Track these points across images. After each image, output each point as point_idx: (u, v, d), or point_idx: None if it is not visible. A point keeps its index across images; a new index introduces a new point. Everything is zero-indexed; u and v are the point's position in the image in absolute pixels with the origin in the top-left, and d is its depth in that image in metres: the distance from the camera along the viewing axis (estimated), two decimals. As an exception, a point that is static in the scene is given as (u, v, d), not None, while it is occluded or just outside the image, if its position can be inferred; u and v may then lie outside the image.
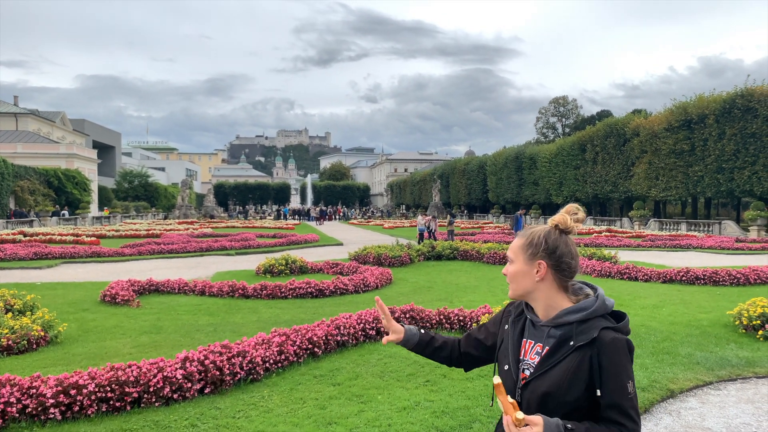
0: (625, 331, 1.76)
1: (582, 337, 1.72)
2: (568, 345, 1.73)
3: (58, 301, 10.67)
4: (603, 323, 1.74)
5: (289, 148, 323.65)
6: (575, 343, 1.72)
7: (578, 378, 1.70)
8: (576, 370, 1.70)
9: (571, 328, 1.75)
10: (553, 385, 1.72)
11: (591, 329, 1.72)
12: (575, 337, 1.73)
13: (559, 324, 1.78)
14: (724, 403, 5.31)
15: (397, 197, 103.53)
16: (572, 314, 1.77)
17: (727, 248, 22.85)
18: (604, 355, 1.69)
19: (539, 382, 1.75)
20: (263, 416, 4.83)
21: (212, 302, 10.49)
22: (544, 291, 1.82)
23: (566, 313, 1.78)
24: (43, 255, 19.22)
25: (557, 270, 1.81)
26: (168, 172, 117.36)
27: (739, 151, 33.33)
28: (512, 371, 1.84)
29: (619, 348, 1.70)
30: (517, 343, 1.88)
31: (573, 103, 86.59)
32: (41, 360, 6.63)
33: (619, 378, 1.68)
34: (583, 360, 1.70)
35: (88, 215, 50.12)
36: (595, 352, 1.70)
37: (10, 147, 57.51)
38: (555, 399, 1.71)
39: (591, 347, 1.70)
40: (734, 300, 10.03)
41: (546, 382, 1.73)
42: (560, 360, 1.73)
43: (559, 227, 1.84)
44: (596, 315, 1.76)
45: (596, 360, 1.69)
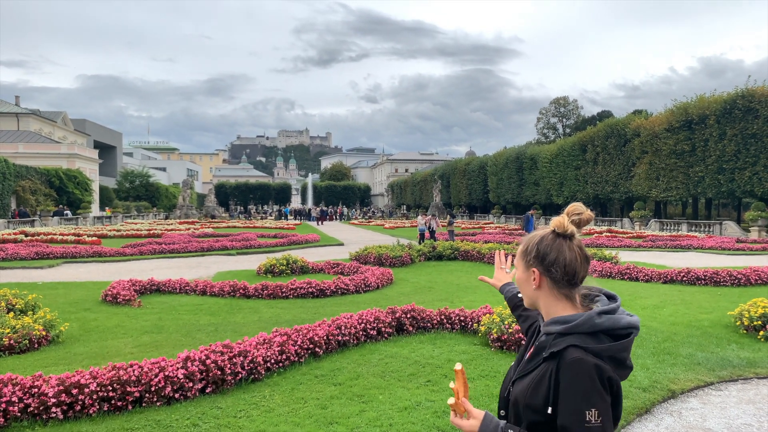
0: (606, 355, 1.59)
1: (547, 350, 1.64)
2: (540, 355, 1.68)
3: (60, 300, 10.69)
4: (576, 340, 1.60)
5: (290, 149, 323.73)
6: (544, 355, 1.65)
7: (538, 391, 1.62)
8: (538, 383, 1.63)
9: (550, 338, 1.67)
10: (520, 392, 1.69)
11: (560, 344, 1.62)
12: (547, 348, 1.66)
13: (546, 332, 1.71)
14: (725, 403, 5.31)
15: (397, 197, 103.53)
16: (556, 325, 1.67)
17: (727, 249, 22.84)
18: (562, 374, 1.57)
19: (516, 385, 1.74)
20: (264, 416, 4.84)
21: (213, 302, 10.50)
22: (543, 299, 1.75)
23: (553, 323, 1.69)
24: (45, 255, 19.24)
25: (550, 278, 1.71)
26: (169, 172, 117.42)
27: (740, 152, 33.31)
28: (513, 367, 1.84)
29: (582, 371, 1.54)
30: (527, 345, 1.88)
31: (574, 103, 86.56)
32: (43, 359, 6.64)
33: (574, 402, 1.53)
34: (545, 374, 1.62)
35: (89, 215, 50.17)
36: (554, 369, 1.60)
37: (12, 147, 57.57)
38: (520, 407, 1.68)
39: (553, 362, 1.62)
40: (735, 300, 10.03)
41: (518, 388, 1.71)
42: (532, 369, 1.69)
43: (556, 231, 1.74)
44: (577, 331, 1.61)
45: (554, 377, 1.59)
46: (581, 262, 1.72)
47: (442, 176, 78.98)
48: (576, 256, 1.71)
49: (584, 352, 1.57)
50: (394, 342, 7.24)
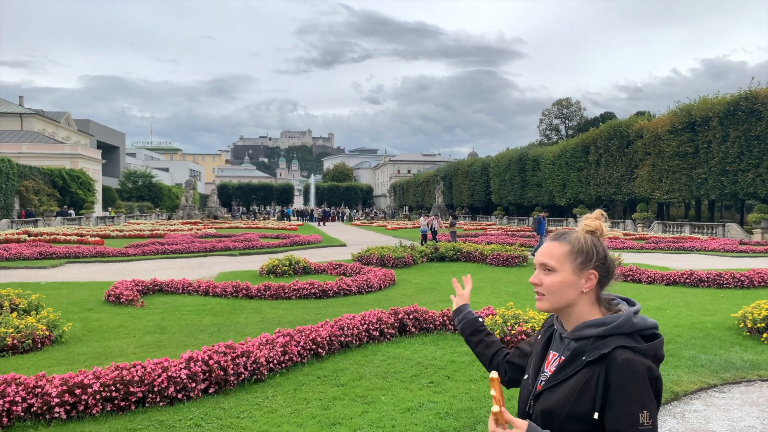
0: (650, 354, 1.59)
1: (593, 353, 1.60)
2: (580, 360, 1.62)
3: (63, 300, 10.71)
4: (622, 341, 1.59)
5: (293, 149, 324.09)
6: (586, 359, 1.60)
7: (584, 396, 1.57)
8: (583, 388, 1.58)
9: (588, 342, 1.63)
10: (558, 401, 1.61)
11: (606, 345, 1.59)
12: (588, 352, 1.61)
13: (578, 337, 1.67)
14: (729, 406, 5.30)
15: (400, 198, 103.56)
16: (592, 328, 1.65)
17: (730, 251, 22.80)
18: (613, 376, 1.54)
19: (548, 396, 1.66)
20: (267, 416, 4.85)
21: (216, 302, 10.51)
22: (583, 304, 1.71)
23: (587, 326, 1.66)
24: (48, 255, 19.29)
25: (604, 280, 1.72)
26: (172, 173, 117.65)
27: (743, 154, 33.25)
28: (530, 381, 1.77)
29: (635, 371, 1.53)
30: (541, 353, 1.80)
31: (576, 105, 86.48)
32: (46, 359, 6.66)
33: (627, 404, 1.51)
34: (592, 378, 1.57)
35: (92, 215, 50.27)
36: (604, 371, 1.56)
37: (15, 147, 57.72)
38: (558, 416, 1.60)
39: (601, 364, 1.57)
40: (738, 303, 10.01)
41: (552, 398, 1.64)
42: (570, 375, 1.62)
43: (597, 234, 1.74)
44: (618, 332, 1.61)
45: (603, 380, 1.55)
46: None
47: (445, 177, 79.00)
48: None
49: (633, 352, 1.57)
50: (397, 343, 7.24)
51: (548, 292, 1.72)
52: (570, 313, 1.73)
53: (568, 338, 1.71)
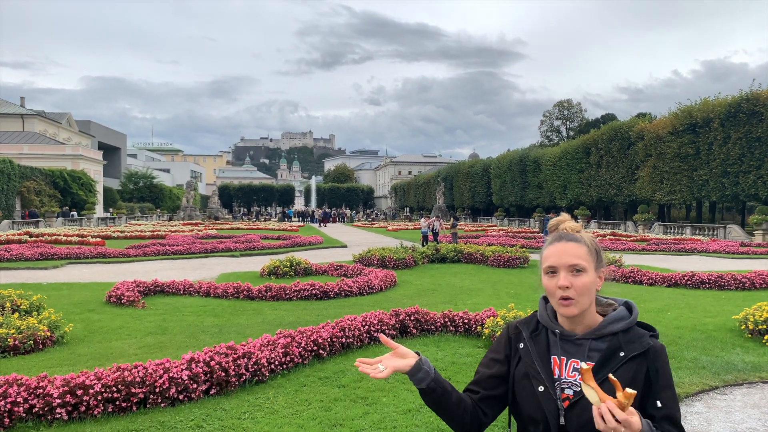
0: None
1: (634, 347, 1.63)
2: (617, 356, 1.62)
3: (64, 301, 10.72)
4: (645, 332, 1.68)
5: (294, 150, 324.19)
6: (627, 354, 1.62)
7: (635, 389, 1.55)
8: (631, 381, 1.59)
9: (617, 338, 1.65)
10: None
11: (639, 338, 1.65)
12: (624, 346, 1.63)
13: (602, 335, 1.66)
14: (731, 407, 5.29)
15: (401, 200, 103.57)
16: (616, 323, 1.67)
17: (732, 252, 22.78)
18: (659, 364, 1.62)
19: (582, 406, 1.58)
20: (268, 418, 4.85)
21: (217, 303, 10.52)
22: (593, 302, 1.71)
23: (609, 323, 1.67)
24: (49, 255, 19.30)
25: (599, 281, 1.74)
26: (173, 174, 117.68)
27: (744, 155, 33.23)
28: (550, 392, 1.64)
29: (666, 356, 1.66)
30: (545, 361, 1.69)
31: (577, 106, 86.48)
32: (47, 360, 6.66)
33: (672, 388, 1.63)
34: (639, 370, 1.61)
35: (93, 216, 50.31)
36: (651, 362, 1.62)
37: (17, 148, 57.78)
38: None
39: (645, 357, 1.62)
40: (740, 304, 10.00)
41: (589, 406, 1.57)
42: (613, 372, 1.60)
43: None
44: (635, 322, 1.69)
45: (653, 370, 1.61)
46: None
47: (446, 179, 79.00)
48: None
49: (656, 339, 1.69)
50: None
51: (579, 295, 1.64)
52: (585, 315, 1.69)
53: (587, 339, 1.67)
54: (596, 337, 1.66)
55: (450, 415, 1.73)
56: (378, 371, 1.68)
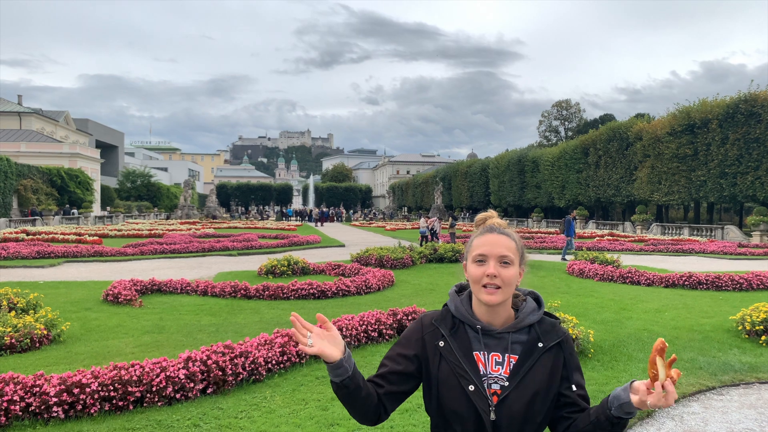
0: None
1: (550, 337, 1.72)
2: (537, 347, 1.69)
3: (61, 300, 10.69)
4: (555, 321, 1.78)
5: (292, 150, 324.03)
6: (546, 344, 1.70)
7: (555, 377, 1.69)
8: (552, 369, 1.68)
9: (534, 329, 1.72)
10: (539, 387, 1.65)
11: (552, 328, 1.74)
12: (542, 337, 1.71)
13: (521, 327, 1.72)
14: (727, 408, 5.30)
15: (399, 199, 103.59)
16: (532, 315, 1.75)
17: (729, 253, 22.81)
18: (570, 350, 1.74)
19: (520, 391, 1.64)
20: (265, 417, 4.84)
21: (214, 302, 10.50)
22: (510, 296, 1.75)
23: (527, 315, 1.74)
24: (46, 254, 19.26)
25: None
26: (171, 172, 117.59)
27: (742, 156, 33.30)
28: (480, 390, 1.65)
29: (572, 342, 1.79)
30: (470, 358, 1.69)
31: (576, 106, 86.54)
32: (44, 359, 6.64)
33: (580, 370, 1.76)
34: (558, 358, 1.71)
35: (90, 214, 50.23)
36: (565, 350, 1.73)
37: (14, 146, 57.70)
38: (540, 400, 1.65)
39: (560, 346, 1.73)
40: (737, 305, 10.02)
41: (526, 392, 1.64)
42: (535, 363, 1.67)
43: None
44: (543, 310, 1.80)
45: (567, 357, 1.73)
46: None
47: (444, 178, 79.05)
48: None
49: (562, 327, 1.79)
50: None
51: (505, 285, 1.68)
52: (503, 307, 1.73)
53: (506, 333, 1.71)
54: (516, 330, 1.71)
55: (355, 409, 1.72)
56: (306, 344, 1.61)
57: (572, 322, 6.88)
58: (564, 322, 6.78)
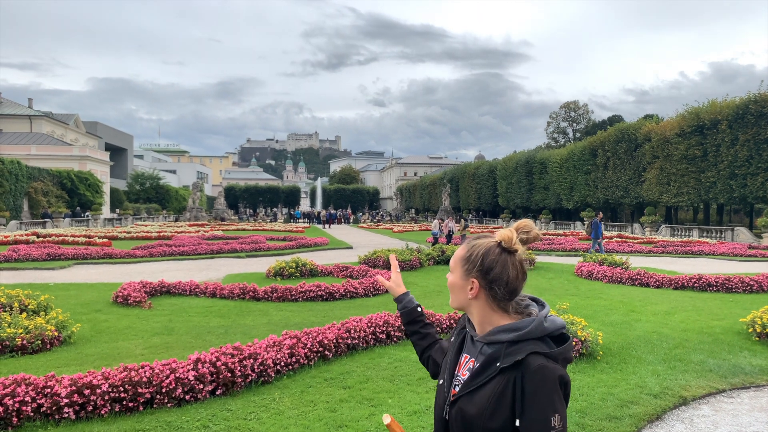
0: (562, 358, 1.61)
1: (507, 359, 1.59)
2: (494, 366, 1.61)
3: (71, 301, 10.77)
4: (534, 347, 1.59)
5: (300, 152, 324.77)
6: (501, 365, 1.59)
7: (502, 404, 1.56)
8: (500, 395, 1.57)
9: (501, 348, 1.62)
10: (477, 408, 1.59)
11: (518, 351, 1.59)
12: (502, 358, 1.60)
13: (491, 342, 1.66)
14: (737, 411, 5.26)
15: (406, 201, 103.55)
16: (504, 333, 1.64)
17: (739, 255, 22.64)
18: (528, 382, 1.54)
19: (465, 402, 1.63)
20: (274, 418, 4.86)
21: (223, 304, 10.54)
22: (478, 308, 1.71)
23: (499, 331, 1.65)
24: (56, 256, 19.40)
25: (490, 293, 1.68)
26: (179, 175, 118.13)
27: (752, 157, 33.05)
28: (445, 386, 1.74)
29: (547, 377, 1.54)
30: (455, 357, 1.77)
31: (584, 108, 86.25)
32: (55, 360, 6.70)
33: (541, 409, 1.52)
34: (508, 385, 1.57)
35: (100, 217, 50.55)
36: (519, 377, 1.56)
37: (25, 149, 58.16)
38: (478, 425, 1.58)
39: (516, 371, 1.57)
40: (747, 307, 9.95)
41: (470, 405, 1.61)
42: (486, 381, 1.61)
43: (503, 245, 1.69)
44: (530, 337, 1.61)
45: (519, 386, 1.55)
46: (521, 279, 1.70)
47: (451, 180, 78.93)
48: (518, 274, 1.68)
49: (545, 358, 1.58)
50: (404, 346, 7.24)
51: (451, 292, 1.78)
52: (473, 315, 1.74)
53: (480, 342, 1.70)
54: (487, 343, 1.68)
55: (413, 342, 2.12)
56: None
57: (581, 324, 6.86)
58: (573, 324, 6.77)
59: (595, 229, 20.46)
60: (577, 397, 5.37)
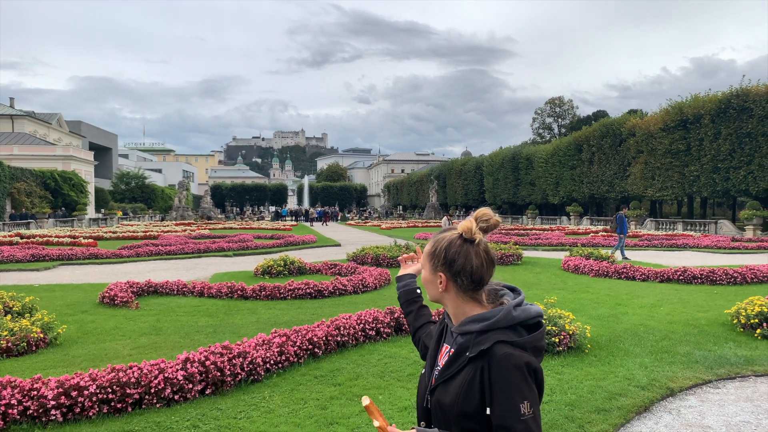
0: (531, 346, 1.62)
1: (474, 349, 1.62)
2: (464, 356, 1.64)
3: (57, 302, 10.65)
4: (501, 336, 1.60)
5: (286, 150, 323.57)
6: (469, 354, 1.63)
7: (471, 393, 1.59)
8: (470, 383, 1.60)
9: (471, 337, 1.65)
10: (450, 397, 1.63)
11: (486, 341, 1.61)
12: (471, 348, 1.63)
13: (463, 332, 1.69)
14: (724, 401, 5.33)
15: (394, 198, 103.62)
16: (474, 323, 1.66)
17: (723, 248, 22.94)
18: (494, 370, 1.56)
19: (441, 391, 1.68)
20: (265, 417, 4.84)
21: (211, 303, 10.48)
22: (450, 300, 1.74)
23: (469, 322, 1.68)
24: (41, 257, 19.17)
25: (456, 284, 1.71)
26: (165, 174, 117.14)
27: (735, 151, 33.46)
28: (426, 375, 1.80)
29: (513, 365, 1.55)
30: (436, 346, 1.82)
31: (569, 103, 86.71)
32: (41, 362, 6.62)
33: (509, 398, 1.53)
34: (476, 374, 1.60)
35: (84, 217, 50.02)
36: (486, 366, 1.58)
37: (7, 149, 57.36)
38: (453, 412, 1.62)
39: (483, 360, 1.60)
40: (731, 299, 10.07)
41: (445, 393, 1.66)
42: (457, 371, 1.65)
43: (464, 236, 1.71)
44: (499, 326, 1.62)
45: (486, 375, 1.58)
46: (487, 267, 1.70)
47: (439, 176, 79.11)
48: (482, 262, 1.69)
49: (512, 346, 1.59)
50: (393, 342, 7.25)
51: (424, 286, 1.84)
52: (447, 308, 1.78)
53: (455, 332, 1.74)
54: (460, 333, 1.71)
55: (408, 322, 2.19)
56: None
57: (569, 318, 6.91)
58: (561, 317, 6.81)
59: (621, 224, 19.23)
60: (566, 390, 5.41)
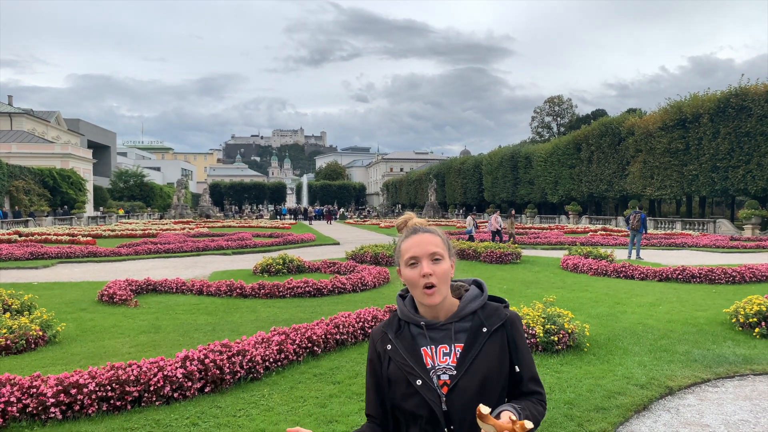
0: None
1: (493, 320, 1.75)
2: (482, 332, 1.73)
3: (56, 300, 10.65)
4: (499, 304, 1.81)
5: (285, 148, 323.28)
6: (489, 328, 1.73)
7: (503, 358, 1.73)
8: (500, 351, 1.72)
9: (477, 316, 1.76)
10: (488, 370, 1.69)
11: (495, 312, 1.77)
12: (485, 322, 1.74)
13: (463, 315, 1.76)
14: (722, 400, 5.34)
15: (393, 197, 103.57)
16: (473, 302, 1.78)
17: (722, 247, 22.96)
18: (516, 331, 1.77)
19: (469, 378, 1.67)
20: (264, 415, 4.84)
21: (210, 301, 10.48)
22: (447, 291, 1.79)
23: (467, 303, 1.78)
24: (39, 255, 19.16)
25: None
26: (163, 172, 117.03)
27: (734, 150, 33.48)
28: (428, 383, 1.68)
29: (520, 324, 1.81)
30: (416, 354, 1.72)
31: (568, 102, 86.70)
32: (40, 360, 6.62)
33: (527, 351, 1.79)
34: (503, 340, 1.74)
35: (83, 215, 49.97)
36: (509, 331, 1.76)
37: (5, 147, 57.27)
38: (492, 383, 1.70)
39: (504, 328, 1.75)
40: (730, 298, 10.09)
41: (478, 373, 1.68)
42: (481, 348, 1.71)
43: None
44: (488, 299, 1.82)
45: (511, 339, 1.75)
46: None
47: (437, 175, 79.08)
48: None
49: (508, 307, 1.83)
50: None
51: (441, 282, 1.72)
52: (444, 301, 1.78)
53: (450, 323, 1.75)
54: (459, 319, 1.76)
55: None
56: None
57: (568, 316, 6.92)
58: (560, 316, 6.82)
59: (643, 224, 18.75)
60: (565, 389, 5.41)
